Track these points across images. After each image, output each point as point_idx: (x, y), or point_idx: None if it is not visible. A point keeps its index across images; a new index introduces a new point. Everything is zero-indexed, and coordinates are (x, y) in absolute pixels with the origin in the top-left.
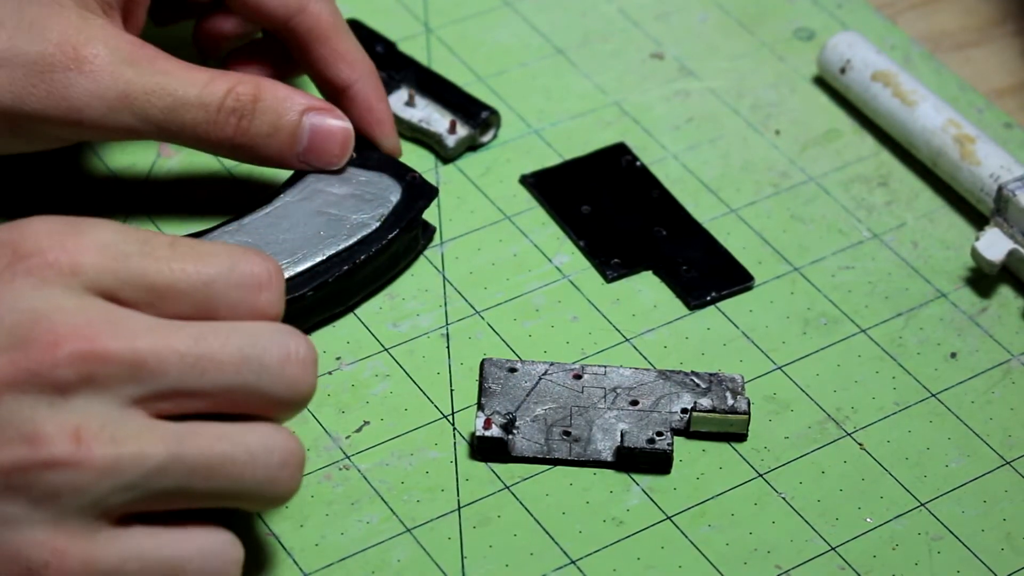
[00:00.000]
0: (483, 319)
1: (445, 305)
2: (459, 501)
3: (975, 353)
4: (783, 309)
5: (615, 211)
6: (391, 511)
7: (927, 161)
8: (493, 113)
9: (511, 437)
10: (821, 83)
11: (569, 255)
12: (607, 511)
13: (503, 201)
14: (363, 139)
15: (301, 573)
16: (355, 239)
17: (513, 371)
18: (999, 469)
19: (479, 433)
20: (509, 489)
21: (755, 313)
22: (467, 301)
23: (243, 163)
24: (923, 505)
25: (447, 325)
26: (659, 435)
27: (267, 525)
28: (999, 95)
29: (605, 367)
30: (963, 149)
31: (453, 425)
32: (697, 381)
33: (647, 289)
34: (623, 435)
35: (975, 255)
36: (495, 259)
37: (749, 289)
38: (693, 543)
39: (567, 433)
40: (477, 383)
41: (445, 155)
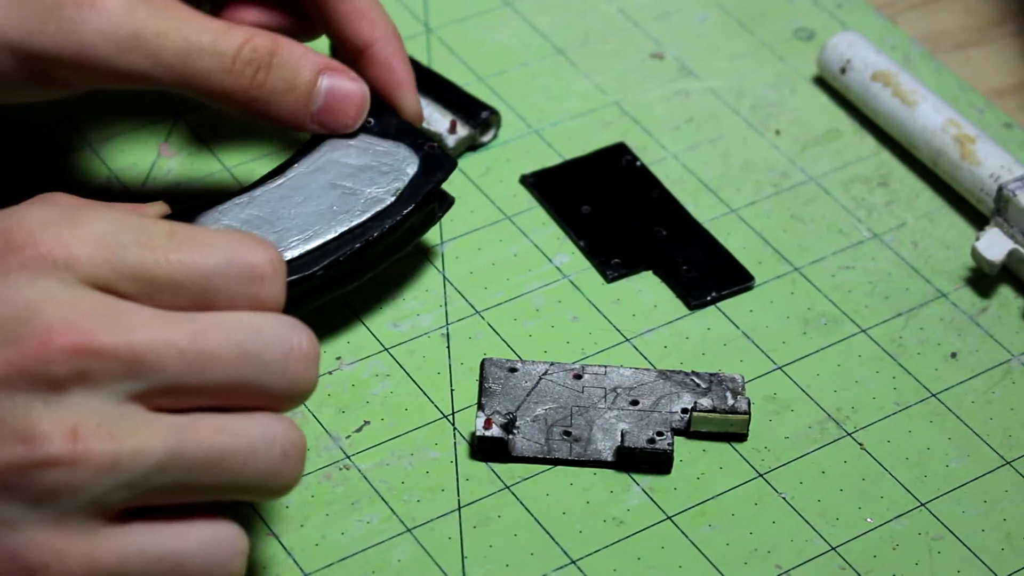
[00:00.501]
0: (483, 319)
1: (445, 305)
2: (459, 501)
3: (975, 353)
4: (783, 309)
5: (615, 211)
6: (391, 511)
7: (927, 161)
8: (493, 113)
9: (511, 437)
10: (821, 83)
11: (569, 255)
12: (607, 511)
13: (503, 201)
14: (382, 104)
15: (301, 573)
16: (368, 215)
17: (513, 371)
18: (999, 469)
19: (479, 433)
20: (509, 489)
21: (755, 313)
22: (467, 301)
23: (253, 120)
24: (923, 505)
25: (447, 325)
26: (659, 435)
27: (267, 525)
28: (999, 95)
29: (605, 367)
30: (963, 149)
31: (453, 425)
32: (697, 381)
33: (647, 289)
34: (623, 435)
35: (975, 255)
36: (495, 259)
37: (749, 289)
38: (693, 543)
39: (567, 433)
40: (477, 383)
41: None
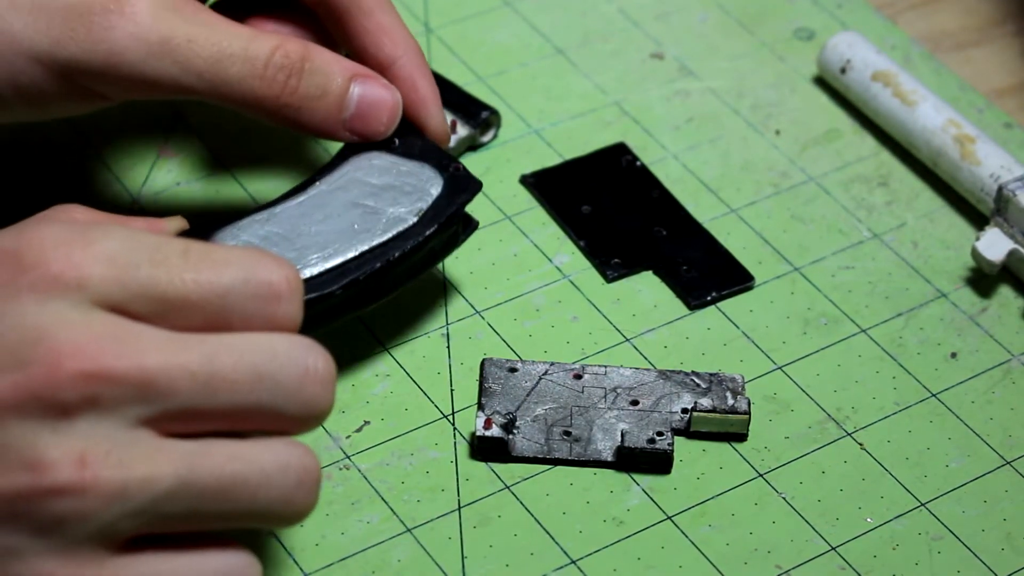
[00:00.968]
0: (483, 319)
1: (445, 305)
2: (459, 501)
3: (975, 353)
4: (783, 309)
5: (615, 211)
6: (391, 511)
7: (927, 161)
8: (493, 113)
9: (511, 437)
10: (821, 83)
11: (569, 255)
12: (607, 511)
13: (503, 201)
14: (407, 124)
15: (301, 573)
16: (390, 235)
17: (513, 371)
18: (999, 469)
19: (479, 433)
20: (509, 489)
21: (755, 313)
22: (467, 301)
23: (284, 128)
24: (923, 505)
25: (447, 325)
26: (659, 435)
27: None
28: (999, 95)
29: (605, 367)
30: (963, 149)
31: (453, 425)
32: (697, 381)
33: (647, 289)
34: (623, 435)
35: (975, 255)
36: (495, 259)
37: (749, 289)
38: (693, 543)
39: (567, 433)
40: (477, 383)
41: None
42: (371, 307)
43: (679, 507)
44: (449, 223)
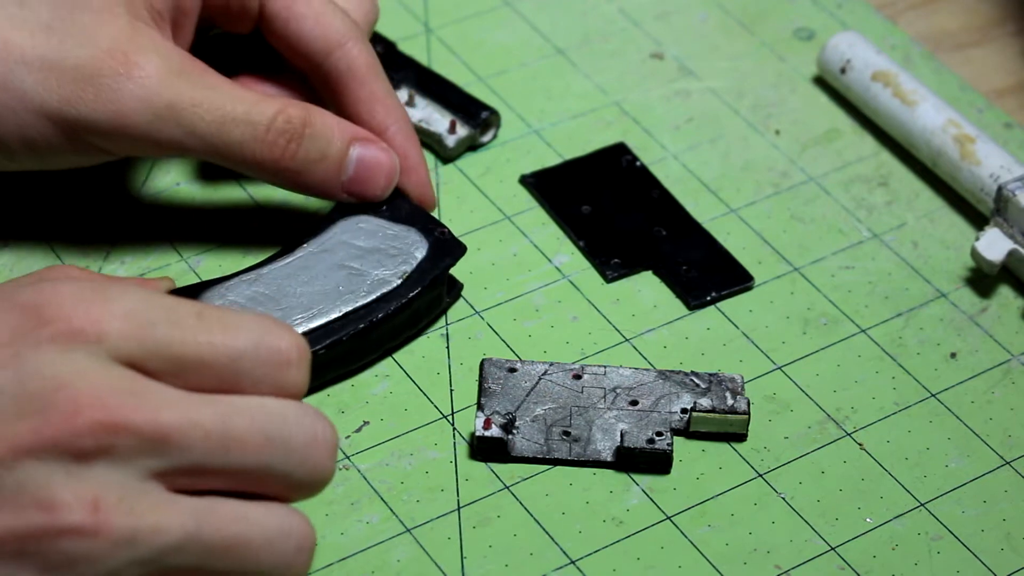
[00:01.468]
0: (483, 319)
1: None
2: (459, 501)
3: (975, 353)
4: (783, 309)
5: (615, 211)
6: (391, 511)
7: (927, 161)
8: (493, 113)
9: (511, 437)
10: (821, 83)
11: (569, 255)
12: (607, 511)
13: (503, 201)
14: (396, 190)
15: None
16: (374, 296)
17: (513, 371)
18: (999, 469)
19: (479, 433)
20: (509, 489)
21: (755, 313)
22: (467, 301)
23: (283, 189)
24: (923, 505)
25: (447, 325)
26: (659, 435)
27: None
28: (999, 95)
29: (605, 367)
30: (963, 149)
31: (453, 425)
32: (697, 381)
33: (647, 289)
34: (623, 435)
35: (975, 255)
36: (495, 259)
37: (749, 289)
38: (693, 543)
39: (567, 433)
40: (477, 383)
41: (445, 155)
42: (354, 366)
43: (679, 507)
44: (432, 286)
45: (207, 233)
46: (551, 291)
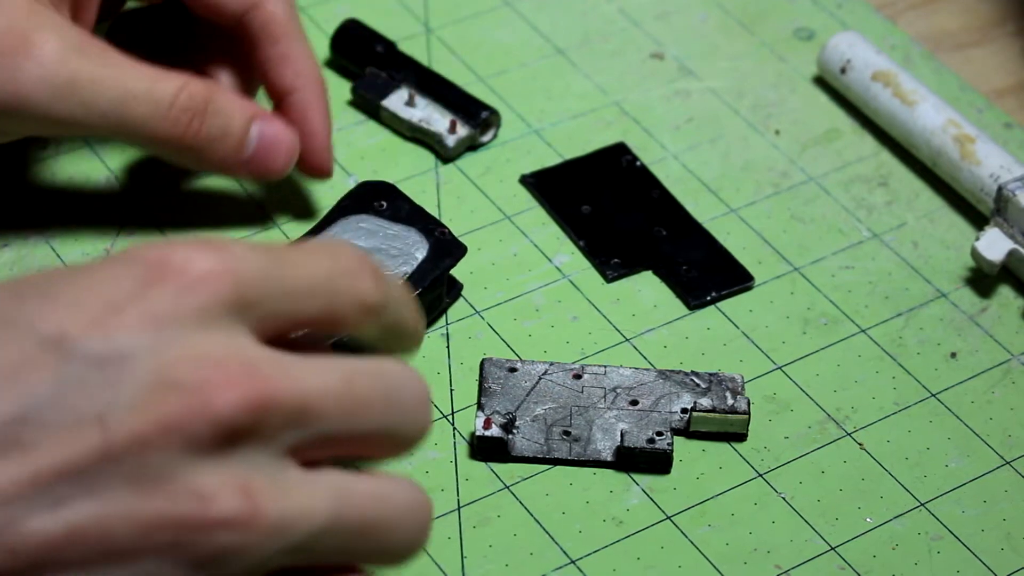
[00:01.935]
0: (483, 319)
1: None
2: (459, 501)
3: (975, 353)
4: (783, 309)
5: (615, 211)
6: None
7: (927, 161)
8: (493, 113)
9: (511, 437)
10: (821, 83)
11: (569, 255)
12: (607, 511)
13: (503, 201)
14: (395, 190)
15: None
16: None
17: (513, 371)
18: (999, 469)
19: (479, 433)
20: (509, 489)
21: (755, 313)
22: (467, 301)
23: (184, 167)
24: (923, 505)
25: (447, 325)
26: (659, 435)
27: None
28: (999, 95)
29: (605, 367)
30: (963, 149)
31: (453, 425)
32: (697, 381)
33: (647, 289)
34: (623, 435)
35: (975, 255)
36: (495, 259)
37: (749, 289)
38: (693, 543)
39: (567, 433)
40: (477, 383)
41: (445, 155)
42: None
43: (679, 507)
44: (433, 286)
45: (208, 233)
46: (551, 291)
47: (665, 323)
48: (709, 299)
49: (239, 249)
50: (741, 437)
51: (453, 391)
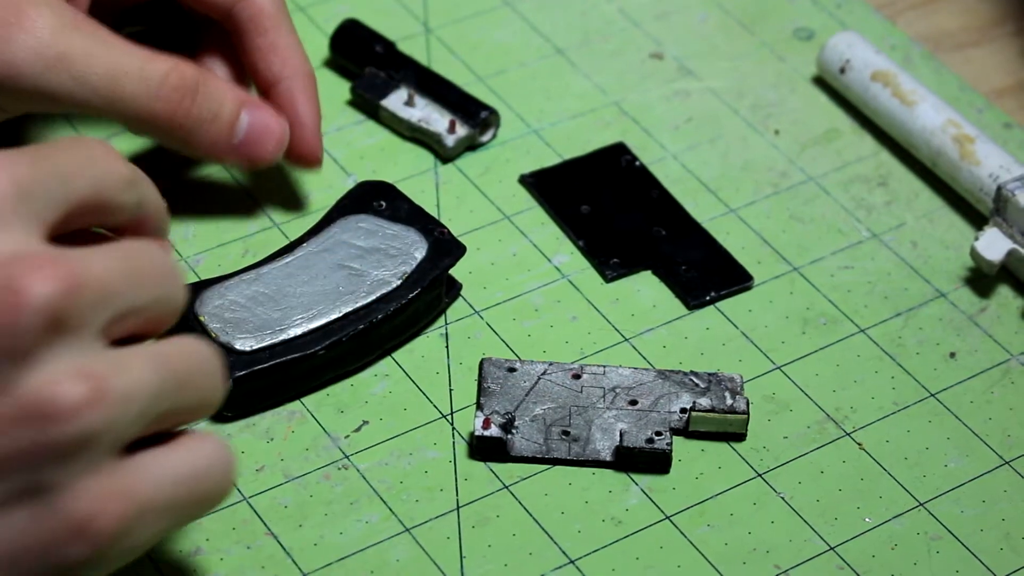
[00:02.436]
0: (482, 319)
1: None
2: (458, 501)
3: (974, 353)
4: (782, 309)
5: (615, 211)
6: (390, 511)
7: (927, 161)
8: (493, 113)
9: (510, 437)
10: (821, 83)
11: (568, 255)
12: (606, 511)
13: (502, 201)
14: (395, 190)
15: (300, 573)
16: (374, 297)
17: (512, 371)
18: (998, 469)
19: (478, 433)
20: (508, 489)
21: (754, 313)
22: (466, 301)
23: (175, 150)
24: (922, 505)
25: (446, 325)
26: (658, 435)
27: (266, 525)
28: (999, 95)
29: (604, 367)
30: (963, 149)
31: (452, 425)
32: (696, 381)
33: (646, 289)
34: (622, 435)
35: (974, 255)
36: (494, 259)
37: (748, 289)
38: (692, 543)
39: (566, 433)
40: (476, 383)
41: (445, 155)
42: (354, 366)
43: (678, 507)
44: (432, 286)
45: (207, 232)
46: (550, 291)
47: (664, 323)
48: (708, 299)
49: (4, 153)
50: (740, 437)
51: (452, 391)
